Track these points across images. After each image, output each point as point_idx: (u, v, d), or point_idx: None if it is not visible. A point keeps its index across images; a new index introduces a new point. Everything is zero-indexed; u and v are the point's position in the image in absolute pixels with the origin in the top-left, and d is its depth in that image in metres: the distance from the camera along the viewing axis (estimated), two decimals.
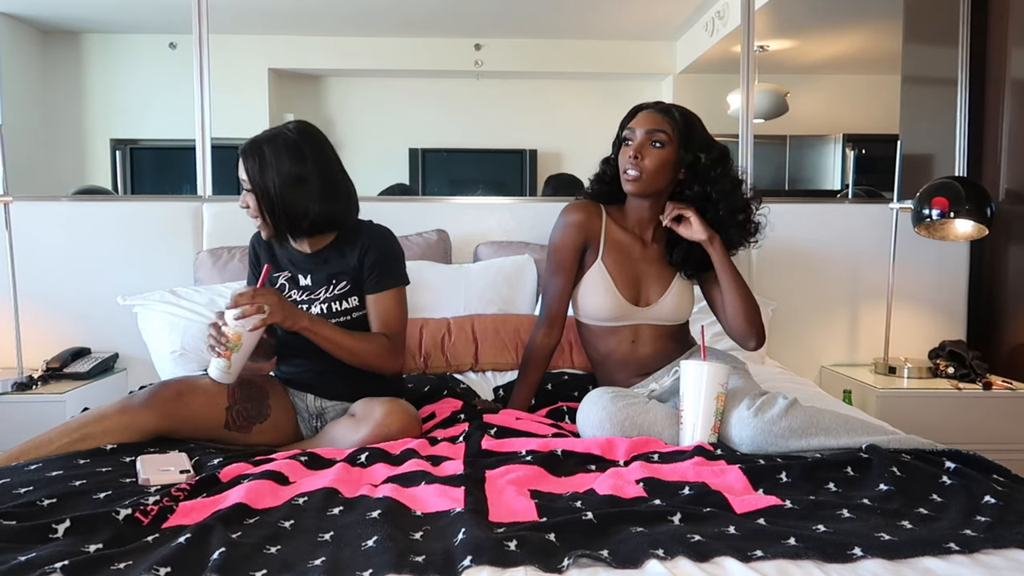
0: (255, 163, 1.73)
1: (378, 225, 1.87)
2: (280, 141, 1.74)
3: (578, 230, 1.89)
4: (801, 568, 1.02)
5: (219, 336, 1.64)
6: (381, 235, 1.84)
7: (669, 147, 1.82)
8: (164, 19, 3.35)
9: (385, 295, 1.81)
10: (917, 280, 2.85)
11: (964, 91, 2.89)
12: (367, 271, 1.79)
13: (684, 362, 1.64)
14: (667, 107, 1.87)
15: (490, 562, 1.00)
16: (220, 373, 1.67)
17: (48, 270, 2.67)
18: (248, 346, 1.67)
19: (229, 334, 1.64)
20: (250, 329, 1.64)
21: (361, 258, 1.79)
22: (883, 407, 2.48)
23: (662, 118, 1.84)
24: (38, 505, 1.21)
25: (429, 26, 3.68)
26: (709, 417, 1.59)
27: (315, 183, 1.75)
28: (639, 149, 1.82)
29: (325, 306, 1.80)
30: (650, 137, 1.82)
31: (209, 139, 2.79)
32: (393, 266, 1.83)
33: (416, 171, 3.72)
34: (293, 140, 1.75)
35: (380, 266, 1.80)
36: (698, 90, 3.83)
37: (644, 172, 1.82)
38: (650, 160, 1.82)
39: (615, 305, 1.87)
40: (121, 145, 3.64)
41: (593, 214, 1.91)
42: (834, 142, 3.94)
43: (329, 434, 1.73)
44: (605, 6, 3.62)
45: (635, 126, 1.85)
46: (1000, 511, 1.21)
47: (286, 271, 1.86)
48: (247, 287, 1.72)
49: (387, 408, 1.68)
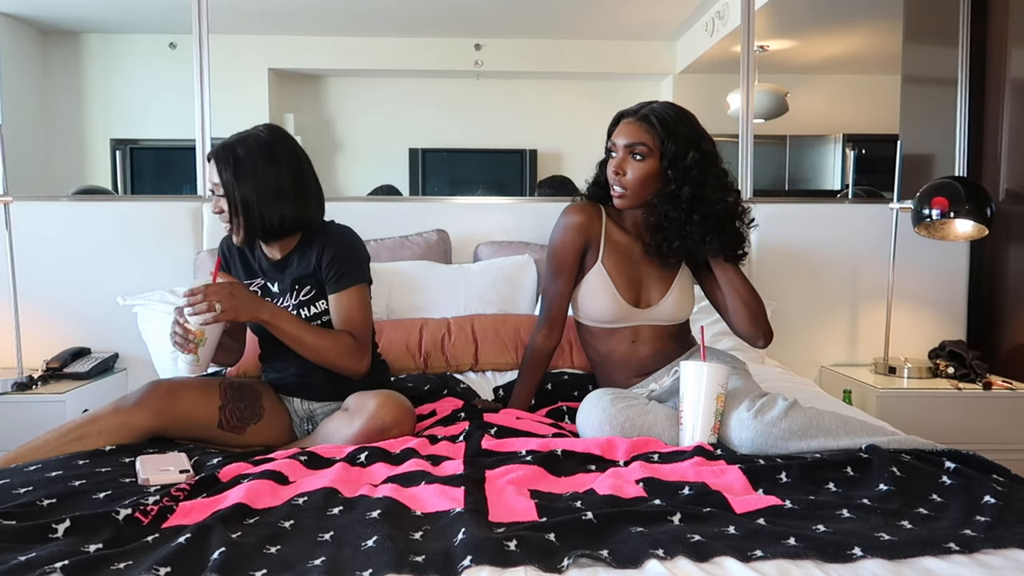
0: (228, 167, 1.69)
1: (339, 225, 1.83)
2: (252, 143, 1.71)
3: (578, 232, 1.88)
4: (801, 568, 1.02)
5: (184, 333, 1.63)
6: (340, 234, 1.80)
7: (651, 158, 1.79)
8: (164, 19, 3.35)
9: (345, 294, 1.76)
10: (917, 280, 2.85)
11: (964, 91, 2.89)
12: (325, 271, 1.76)
13: (684, 363, 1.63)
14: (647, 114, 1.81)
15: (490, 562, 1.00)
16: (190, 367, 1.66)
17: (48, 270, 2.67)
18: (213, 338, 1.66)
19: (192, 328, 1.63)
20: (205, 324, 1.62)
21: (319, 258, 1.76)
22: (883, 407, 2.48)
23: (641, 128, 1.80)
24: (38, 505, 1.21)
25: (429, 26, 3.69)
26: (709, 418, 1.59)
27: (289, 186, 1.72)
28: (620, 164, 1.81)
29: (294, 312, 1.77)
30: (630, 151, 1.80)
31: (209, 139, 2.78)
32: (352, 265, 1.77)
33: (416, 171, 3.73)
34: (266, 141, 1.72)
35: (338, 264, 1.75)
36: (698, 90, 3.83)
37: (628, 187, 1.81)
38: (632, 174, 1.80)
39: (616, 307, 1.86)
40: (121, 145, 3.64)
41: (593, 216, 1.90)
42: (834, 142, 3.94)
43: (323, 430, 1.72)
44: (605, 6, 3.62)
45: (616, 139, 1.82)
46: (1000, 511, 1.21)
47: (259, 279, 1.84)
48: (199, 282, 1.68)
49: (380, 400, 1.67)
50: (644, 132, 1.79)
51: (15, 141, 2.84)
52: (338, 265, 1.75)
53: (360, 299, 1.78)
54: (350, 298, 1.76)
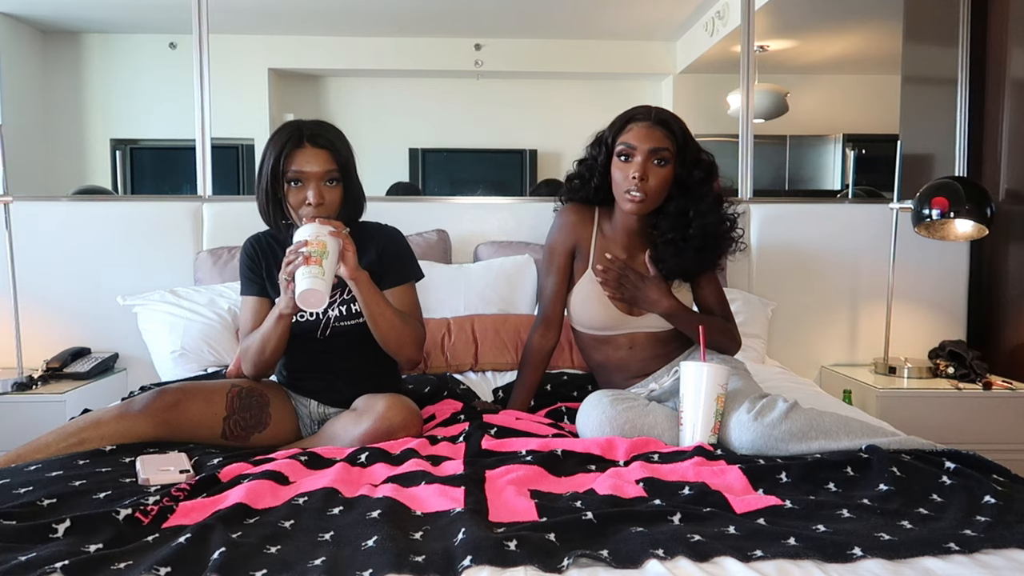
0: (340, 145, 1.72)
1: (386, 225, 1.90)
2: (334, 129, 1.76)
3: (568, 232, 1.89)
4: (801, 568, 1.02)
5: (303, 251, 1.54)
6: (393, 232, 1.88)
7: (671, 164, 1.79)
8: (164, 19, 3.35)
9: (407, 288, 1.83)
10: (917, 280, 2.85)
11: (964, 91, 2.89)
12: (389, 265, 1.80)
13: (684, 363, 1.63)
14: (665, 119, 1.80)
15: (490, 562, 1.00)
16: (314, 281, 1.51)
17: (48, 270, 2.67)
18: (333, 254, 1.56)
19: (312, 242, 1.53)
20: (331, 234, 1.56)
21: (379, 254, 1.80)
22: (883, 407, 2.48)
23: (664, 134, 1.78)
24: (38, 505, 1.21)
25: (429, 26, 3.68)
26: (709, 418, 1.58)
27: (356, 170, 1.79)
28: (644, 170, 1.77)
29: (344, 308, 1.78)
30: (653, 156, 1.77)
31: (209, 139, 2.79)
32: (412, 260, 1.86)
33: (416, 171, 3.72)
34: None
35: (402, 259, 1.83)
36: (698, 90, 3.83)
37: (649, 193, 1.78)
38: (655, 180, 1.78)
39: (607, 315, 1.86)
40: (121, 145, 3.64)
41: (585, 218, 1.90)
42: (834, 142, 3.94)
43: (330, 429, 1.71)
44: (605, 6, 3.62)
45: (636, 142, 1.78)
46: (1000, 511, 1.21)
47: None
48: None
49: (389, 402, 1.67)
50: (665, 138, 1.78)
51: (15, 141, 2.84)
52: (402, 260, 1.84)
53: (415, 293, 1.86)
54: (411, 291, 1.84)
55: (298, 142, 1.69)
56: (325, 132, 1.72)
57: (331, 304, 1.77)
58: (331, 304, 1.77)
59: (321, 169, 1.69)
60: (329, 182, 1.71)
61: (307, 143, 1.69)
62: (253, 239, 1.85)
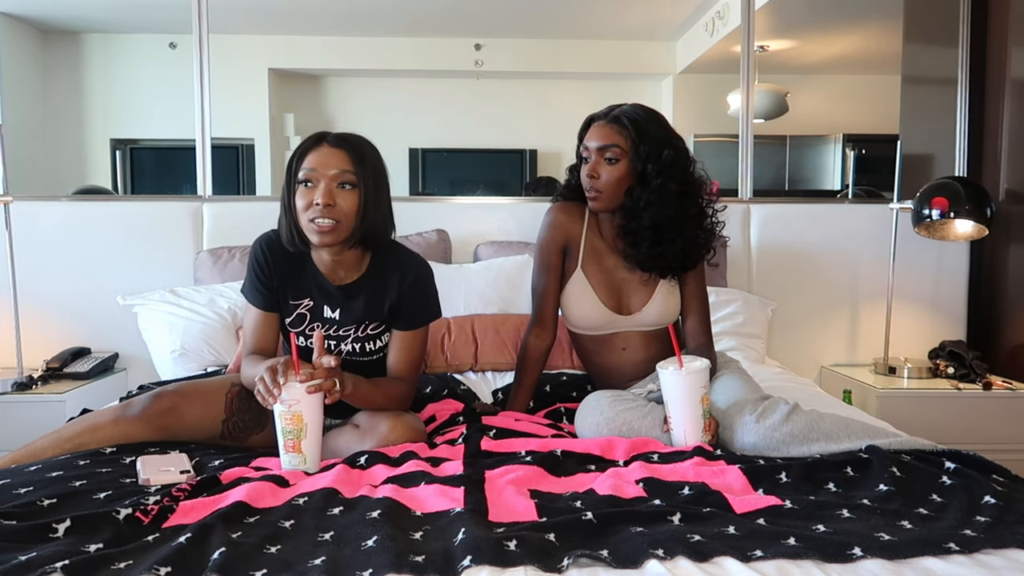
0: (360, 155, 1.56)
1: (417, 255, 1.73)
2: (364, 139, 1.63)
3: (558, 231, 1.89)
4: (801, 568, 1.02)
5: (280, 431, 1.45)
6: (424, 271, 1.70)
7: (623, 160, 1.79)
8: (164, 19, 3.35)
9: (417, 332, 1.71)
10: (917, 280, 2.85)
11: (964, 91, 2.89)
12: (405, 305, 1.67)
13: (661, 372, 1.61)
14: (618, 115, 1.81)
15: (490, 562, 1.00)
16: (299, 466, 1.45)
17: (48, 270, 2.67)
18: (313, 421, 1.45)
19: (288, 417, 1.43)
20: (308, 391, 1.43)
21: (400, 295, 1.66)
22: (883, 407, 2.48)
23: (613, 130, 1.79)
24: (38, 505, 1.21)
25: (429, 26, 3.69)
26: (698, 420, 1.58)
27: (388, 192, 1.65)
28: (594, 168, 1.80)
29: (358, 345, 1.69)
30: (603, 153, 1.79)
31: (209, 139, 2.79)
32: (432, 302, 1.72)
33: (416, 171, 3.73)
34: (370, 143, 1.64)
35: (419, 302, 1.68)
36: (698, 90, 3.83)
37: (603, 190, 1.80)
38: (606, 177, 1.80)
39: (598, 314, 1.86)
40: (121, 145, 3.65)
41: (575, 216, 1.90)
42: (834, 142, 3.94)
43: (332, 444, 1.66)
44: (605, 6, 3.62)
45: (588, 142, 1.82)
46: (1000, 511, 1.21)
47: (307, 299, 1.68)
48: (279, 362, 1.45)
49: (392, 423, 1.61)
50: (615, 134, 1.79)
51: (15, 141, 2.84)
52: (420, 308, 1.69)
53: (425, 336, 1.73)
54: (419, 337, 1.71)
55: (317, 141, 1.59)
56: (351, 138, 1.61)
57: (343, 339, 1.68)
58: (343, 339, 1.68)
59: (335, 168, 1.55)
60: (343, 185, 1.55)
61: (326, 143, 1.58)
62: (264, 242, 1.69)
